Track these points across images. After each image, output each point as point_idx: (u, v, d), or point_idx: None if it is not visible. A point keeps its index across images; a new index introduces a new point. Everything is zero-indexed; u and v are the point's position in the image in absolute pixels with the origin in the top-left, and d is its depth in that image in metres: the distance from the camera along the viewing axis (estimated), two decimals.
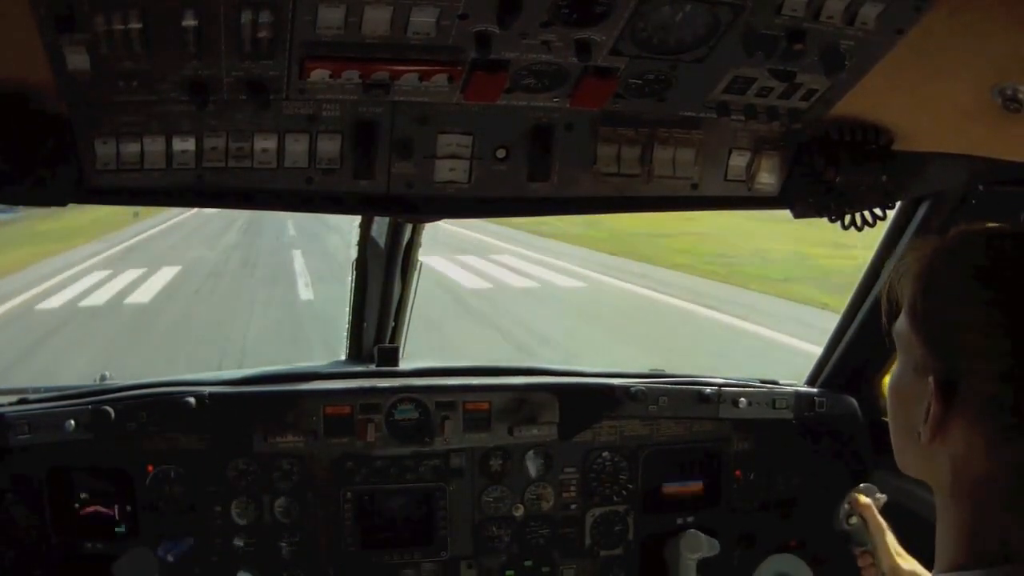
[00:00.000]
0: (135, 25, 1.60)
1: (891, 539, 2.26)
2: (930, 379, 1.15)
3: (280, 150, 2.04)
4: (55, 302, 16.53)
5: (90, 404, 2.69)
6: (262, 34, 1.67)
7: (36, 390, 2.89)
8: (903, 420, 1.24)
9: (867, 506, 2.37)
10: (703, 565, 2.97)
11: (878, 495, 2.46)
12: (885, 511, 2.39)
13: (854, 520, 2.41)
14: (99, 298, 16.86)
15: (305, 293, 16.62)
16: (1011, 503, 1.13)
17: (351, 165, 2.09)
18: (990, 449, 1.13)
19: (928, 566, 1.27)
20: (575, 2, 1.66)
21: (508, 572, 3.01)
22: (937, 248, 1.22)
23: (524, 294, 16.33)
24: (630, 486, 3.08)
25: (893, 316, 1.26)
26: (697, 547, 2.92)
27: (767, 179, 2.32)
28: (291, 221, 28.43)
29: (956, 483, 1.17)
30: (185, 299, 16.35)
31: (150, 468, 2.75)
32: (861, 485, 2.51)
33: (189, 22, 1.61)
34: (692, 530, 2.95)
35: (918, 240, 1.25)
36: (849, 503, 2.45)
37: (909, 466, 1.27)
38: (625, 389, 3.04)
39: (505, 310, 14.59)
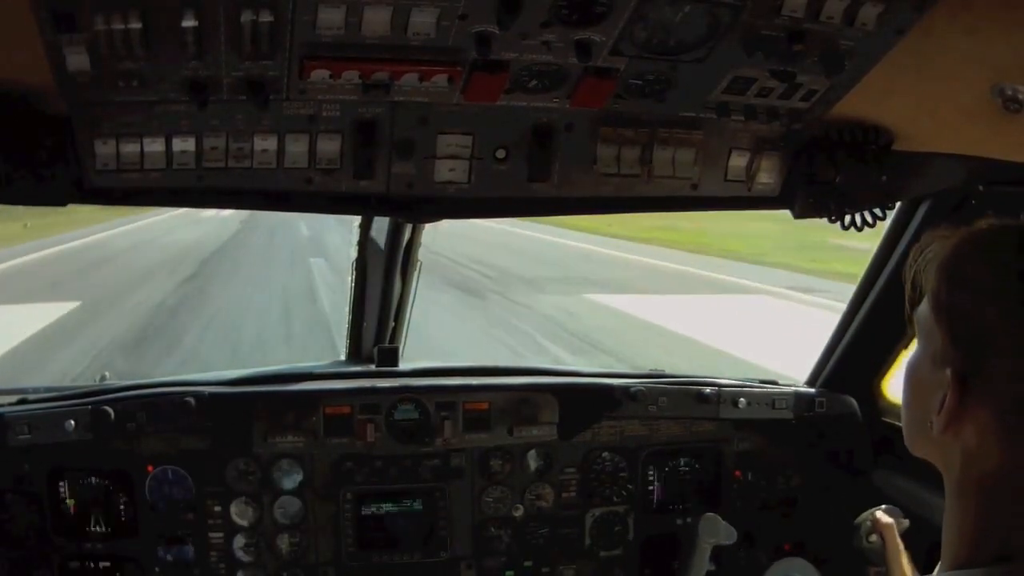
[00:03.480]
0: (135, 25, 1.60)
1: (906, 564, 2.25)
2: (948, 371, 1.15)
3: (280, 150, 2.04)
4: None
5: (90, 404, 2.68)
6: (262, 34, 1.67)
7: (36, 390, 2.89)
8: (916, 407, 1.24)
9: (888, 526, 2.35)
10: (715, 558, 2.95)
11: (902, 519, 2.42)
12: None
13: (874, 539, 2.39)
14: None
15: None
16: (1018, 500, 1.13)
17: (351, 165, 2.09)
18: (1003, 445, 1.13)
19: (929, 567, 1.27)
20: (575, 2, 1.66)
21: (508, 572, 3.00)
22: (964, 240, 1.21)
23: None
24: (630, 486, 3.07)
25: (915, 301, 1.25)
26: (715, 532, 2.87)
27: (767, 179, 2.32)
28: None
29: (965, 476, 1.17)
30: None
31: (150, 468, 2.75)
32: (884, 506, 2.47)
33: (189, 22, 1.61)
34: (711, 514, 2.88)
35: (944, 229, 1.24)
36: (871, 521, 2.41)
37: (919, 451, 1.27)
38: (625, 389, 3.04)
39: None
